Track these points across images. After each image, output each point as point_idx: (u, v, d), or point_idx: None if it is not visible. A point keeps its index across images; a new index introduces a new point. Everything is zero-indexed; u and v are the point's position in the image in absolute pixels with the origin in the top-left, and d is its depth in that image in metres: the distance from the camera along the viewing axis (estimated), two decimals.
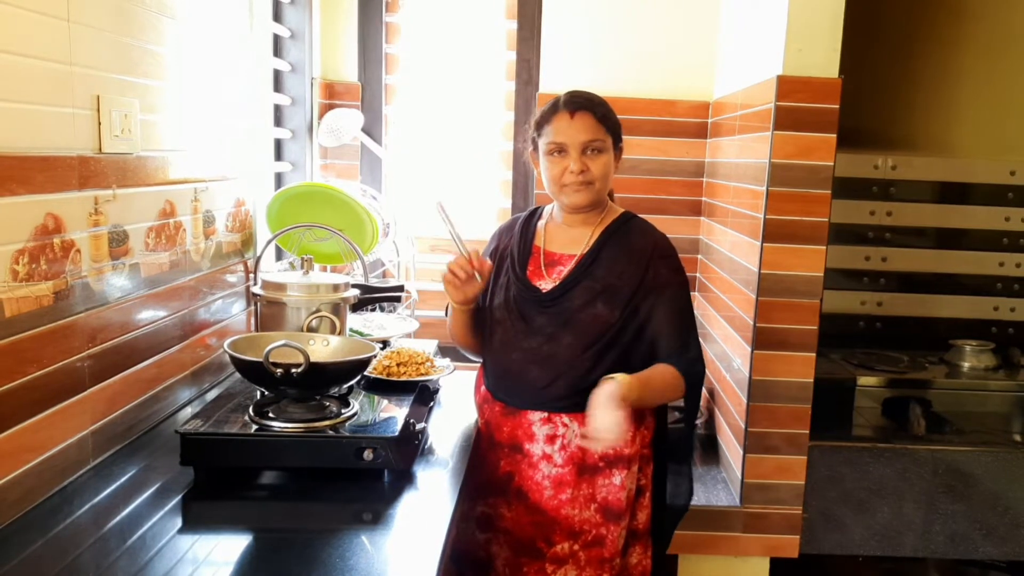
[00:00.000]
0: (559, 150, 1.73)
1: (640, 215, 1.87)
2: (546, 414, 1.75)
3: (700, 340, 1.83)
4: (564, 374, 1.73)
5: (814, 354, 2.14)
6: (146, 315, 1.69)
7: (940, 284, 2.99)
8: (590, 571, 1.74)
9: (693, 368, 1.75)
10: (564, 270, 1.78)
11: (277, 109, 2.63)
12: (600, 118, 1.73)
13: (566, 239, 1.82)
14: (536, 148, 1.80)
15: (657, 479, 1.86)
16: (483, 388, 1.88)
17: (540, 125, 1.76)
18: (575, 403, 1.72)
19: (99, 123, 1.47)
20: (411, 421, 1.60)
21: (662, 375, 1.72)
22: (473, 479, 1.80)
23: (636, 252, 1.77)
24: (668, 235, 1.85)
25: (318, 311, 1.83)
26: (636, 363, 1.73)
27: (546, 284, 1.78)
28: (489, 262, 1.78)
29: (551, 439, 1.75)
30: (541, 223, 1.88)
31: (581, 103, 1.73)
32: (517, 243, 1.85)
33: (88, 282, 1.47)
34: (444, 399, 1.99)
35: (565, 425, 1.74)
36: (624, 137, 1.82)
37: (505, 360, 1.79)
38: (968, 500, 2.29)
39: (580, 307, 1.73)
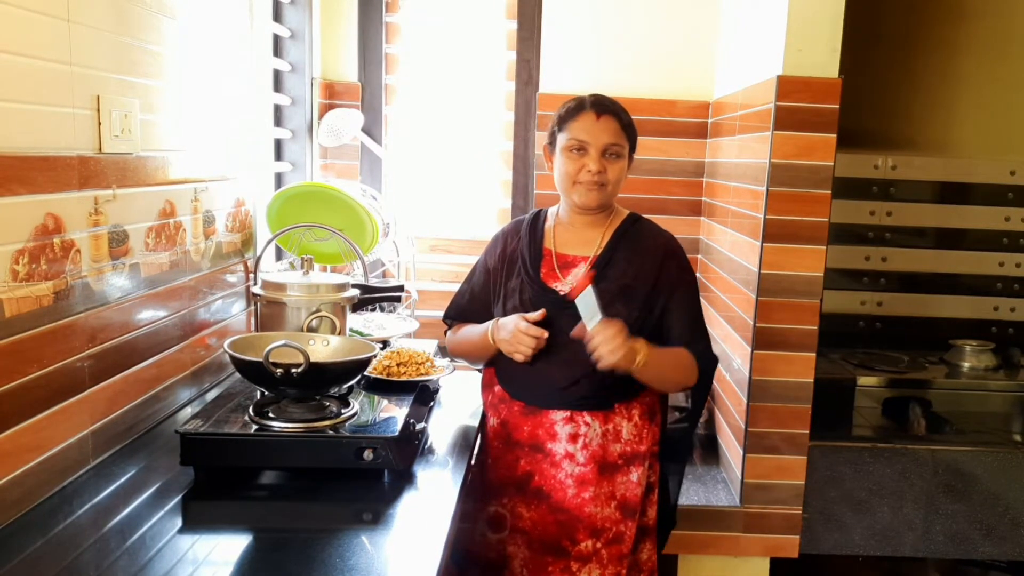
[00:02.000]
0: (579, 148, 1.75)
1: (644, 216, 1.89)
2: (568, 413, 1.76)
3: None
4: (587, 375, 1.73)
5: (814, 354, 2.14)
6: (146, 315, 1.69)
7: (940, 284, 2.99)
8: (612, 568, 1.75)
9: (706, 355, 1.79)
10: (580, 272, 1.79)
11: (277, 109, 2.63)
12: (624, 125, 1.77)
13: (577, 241, 1.83)
14: (552, 143, 1.82)
15: (663, 476, 1.89)
16: (496, 388, 1.87)
17: (563, 121, 1.78)
18: (597, 402, 1.75)
19: (99, 123, 1.47)
20: (411, 421, 1.60)
21: (678, 351, 1.76)
22: (484, 479, 1.81)
23: (649, 253, 1.79)
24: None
25: (318, 311, 1.83)
26: None
27: (562, 286, 1.78)
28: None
29: (573, 438, 1.76)
30: (548, 225, 1.89)
31: (608, 107, 1.77)
32: (527, 245, 1.85)
33: (88, 282, 1.47)
34: (444, 399, 1.99)
35: (587, 424, 1.75)
36: None
37: (534, 359, 1.77)
38: (968, 500, 2.29)
39: (600, 308, 1.73)
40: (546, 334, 1.73)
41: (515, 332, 1.74)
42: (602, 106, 1.76)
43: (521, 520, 1.79)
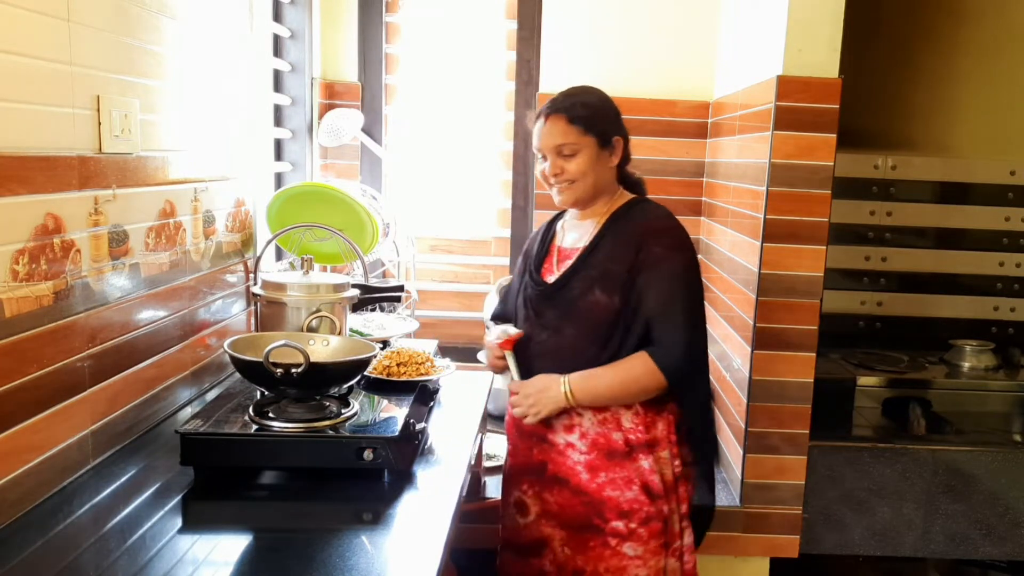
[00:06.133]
0: (539, 153, 1.79)
1: (651, 198, 1.86)
2: None
3: (698, 329, 1.76)
4: (572, 366, 1.74)
5: (814, 354, 2.14)
6: (146, 315, 1.69)
7: (940, 284, 2.99)
8: (655, 543, 1.73)
9: (668, 358, 1.68)
10: (570, 263, 1.80)
11: (277, 109, 2.63)
12: (572, 120, 1.73)
13: (576, 234, 1.85)
14: None
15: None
16: None
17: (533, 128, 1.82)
18: None
19: (99, 123, 1.47)
20: (411, 421, 1.60)
21: (622, 363, 1.70)
22: (508, 465, 1.88)
23: (632, 234, 1.75)
24: None
25: (318, 311, 1.83)
26: (639, 347, 1.72)
27: (552, 278, 1.81)
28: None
29: (568, 428, 1.77)
30: (560, 223, 1.92)
31: (554, 107, 1.76)
32: (537, 243, 1.91)
33: (88, 282, 1.47)
34: (444, 399, 1.99)
35: (579, 414, 1.76)
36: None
37: (526, 353, 1.82)
38: (968, 500, 2.29)
39: (579, 296, 1.74)
40: (500, 351, 1.82)
41: (487, 345, 1.88)
42: (549, 107, 1.76)
43: (548, 504, 1.79)
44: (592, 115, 1.75)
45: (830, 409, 2.44)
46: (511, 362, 1.82)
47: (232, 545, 1.34)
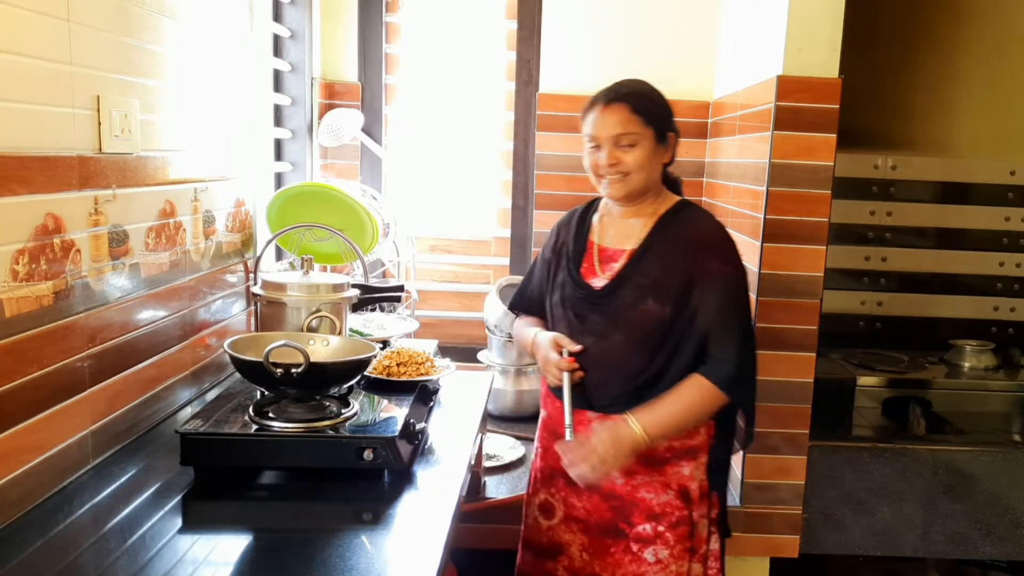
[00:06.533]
0: (594, 143, 1.70)
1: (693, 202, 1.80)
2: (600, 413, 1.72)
3: (749, 344, 1.71)
4: (617, 374, 1.70)
5: (814, 354, 2.14)
6: (146, 315, 1.69)
7: (940, 284, 2.99)
8: (680, 546, 1.71)
9: (721, 372, 1.64)
10: (617, 266, 1.73)
11: (277, 109, 2.63)
12: (636, 110, 1.67)
13: (620, 233, 1.77)
14: None
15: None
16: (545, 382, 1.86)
17: (583, 116, 1.73)
18: (628, 402, 1.67)
19: (99, 123, 1.47)
20: (411, 421, 1.60)
21: (683, 390, 1.65)
22: (536, 465, 1.84)
23: (685, 243, 1.69)
24: None
25: (318, 311, 1.83)
26: (688, 359, 1.67)
27: (599, 281, 1.74)
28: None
29: None
30: (596, 217, 1.83)
31: (616, 95, 1.69)
32: (572, 238, 1.82)
33: (88, 282, 1.47)
34: (444, 399, 1.99)
35: (623, 421, 1.69)
36: None
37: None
38: (968, 500, 2.30)
39: (631, 304, 1.68)
40: (575, 367, 1.70)
41: (546, 360, 1.74)
42: (611, 95, 1.69)
43: (574, 509, 1.78)
44: (652, 108, 1.70)
45: (830, 409, 2.45)
46: (566, 385, 1.69)
47: (232, 545, 1.34)
